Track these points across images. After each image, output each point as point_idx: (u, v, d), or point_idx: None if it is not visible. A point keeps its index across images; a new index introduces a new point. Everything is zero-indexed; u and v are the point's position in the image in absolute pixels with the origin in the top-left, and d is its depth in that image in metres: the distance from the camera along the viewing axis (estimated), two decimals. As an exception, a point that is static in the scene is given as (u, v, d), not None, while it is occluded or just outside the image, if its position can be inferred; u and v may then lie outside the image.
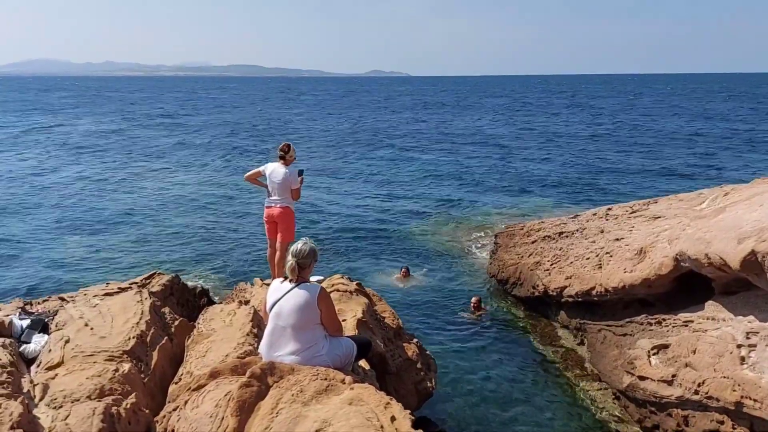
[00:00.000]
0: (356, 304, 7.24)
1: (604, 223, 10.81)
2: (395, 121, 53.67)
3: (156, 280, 8.41)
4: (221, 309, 7.02)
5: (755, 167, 26.43)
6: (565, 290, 10.14)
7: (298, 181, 8.28)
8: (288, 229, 8.31)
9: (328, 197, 22.67)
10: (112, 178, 26.43)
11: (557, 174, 26.77)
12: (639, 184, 24.26)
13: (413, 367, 7.49)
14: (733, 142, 36.97)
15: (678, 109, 64.14)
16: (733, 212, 7.72)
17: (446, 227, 18.03)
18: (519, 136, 41.06)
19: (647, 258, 8.60)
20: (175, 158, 32.50)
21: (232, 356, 5.59)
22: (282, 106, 78.17)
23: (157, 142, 39.53)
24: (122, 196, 22.96)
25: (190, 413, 4.40)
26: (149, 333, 6.15)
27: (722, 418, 6.51)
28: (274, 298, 4.91)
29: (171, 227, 18.39)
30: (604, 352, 8.98)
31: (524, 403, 8.58)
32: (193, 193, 23.44)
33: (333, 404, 3.92)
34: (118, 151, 35.32)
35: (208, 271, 14.30)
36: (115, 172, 27.98)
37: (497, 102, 73.89)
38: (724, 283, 7.35)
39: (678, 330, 7.67)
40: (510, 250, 12.78)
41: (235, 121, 56.04)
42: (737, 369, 6.40)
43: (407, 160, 31.62)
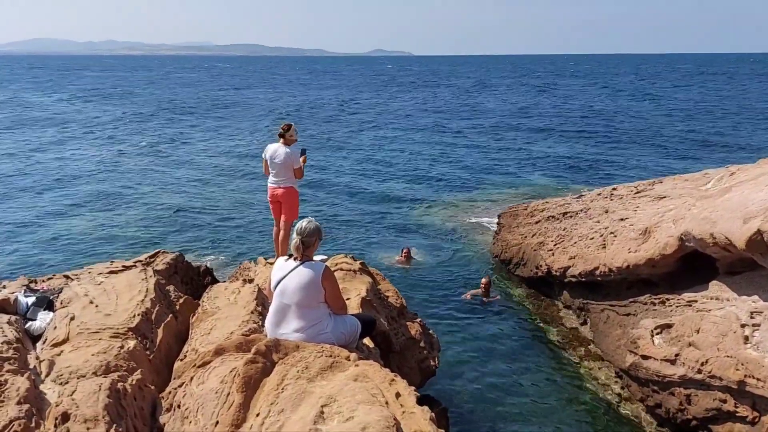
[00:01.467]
0: (360, 283, 7.24)
1: (609, 203, 10.77)
2: (396, 100, 53.37)
3: (160, 258, 8.42)
4: (225, 287, 7.02)
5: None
6: (569, 270, 10.14)
7: (300, 161, 8.25)
8: (292, 208, 8.32)
9: (330, 177, 22.63)
10: (116, 158, 26.40)
11: (562, 154, 26.67)
12: (645, 164, 24.16)
13: (416, 346, 7.51)
14: (742, 118, 36.77)
15: (685, 89, 63.71)
16: (739, 192, 7.68)
17: (449, 207, 18.01)
18: (522, 116, 40.82)
19: (652, 238, 8.58)
20: (179, 139, 32.41)
21: (237, 334, 5.60)
22: (293, 84, 77.99)
23: (159, 123, 39.39)
24: (127, 176, 22.95)
25: (196, 389, 4.42)
26: (154, 310, 6.17)
27: (725, 396, 6.53)
28: (278, 276, 4.91)
29: (175, 207, 18.40)
30: (607, 331, 9.00)
31: (526, 382, 8.64)
32: (197, 173, 23.42)
33: (338, 380, 3.93)
34: (123, 131, 35.23)
35: (212, 250, 14.33)
36: (119, 152, 27.94)
37: (500, 81, 73.38)
38: (729, 263, 7.33)
39: (682, 310, 7.67)
40: (513, 231, 12.78)
41: (240, 101, 55.78)
42: (741, 348, 6.41)
43: (409, 140, 31.51)
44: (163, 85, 75.54)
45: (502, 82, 74.24)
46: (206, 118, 41.50)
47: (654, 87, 66.82)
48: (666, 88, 64.60)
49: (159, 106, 48.93)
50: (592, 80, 79.02)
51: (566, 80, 78.18)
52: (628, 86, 67.14)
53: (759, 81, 72.98)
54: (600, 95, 57.97)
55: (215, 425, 3.86)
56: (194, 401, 4.31)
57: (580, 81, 77.40)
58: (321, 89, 67.79)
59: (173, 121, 39.62)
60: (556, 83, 76.70)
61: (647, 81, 77.11)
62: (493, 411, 8.00)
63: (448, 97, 58.40)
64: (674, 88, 66.52)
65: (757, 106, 45.87)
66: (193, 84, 79.55)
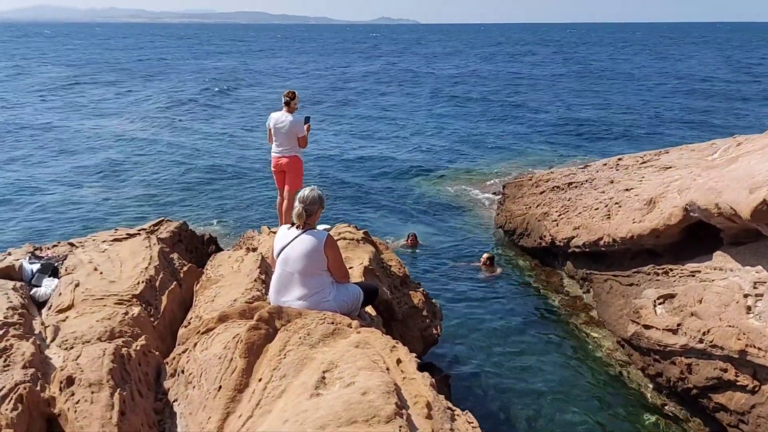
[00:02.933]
0: (363, 252, 7.25)
1: (614, 173, 10.70)
2: (402, 70, 52.81)
3: (164, 226, 8.43)
4: (229, 255, 7.05)
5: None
6: (573, 241, 10.13)
7: (305, 129, 8.20)
8: (296, 177, 8.30)
9: (334, 146, 22.54)
10: (121, 127, 26.32)
11: (568, 124, 26.43)
12: (653, 134, 23.96)
13: (419, 314, 7.56)
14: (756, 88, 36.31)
15: (696, 57, 62.82)
16: (745, 162, 7.61)
17: (453, 178, 17.96)
18: (529, 86, 40.38)
19: (656, 208, 8.54)
20: (183, 107, 32.24)
21: (240, 301, 5.64)
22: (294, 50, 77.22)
23: (161, 91, 39.15)
24: (131, 144, 22.91)
25: (200, 355, 4.46)
26: (158, 278, 6.20)
27: (726, 366, 6.56)
28: (281, 244, 4.92)
29: (178, 175, 18.41)
30: (609, 301, 9.02)
31: (527, 351, 8.70)
32: (200, 142, 23.35)
33: (340, 347, 3.95)
34: (127, 100, 35.06)
35: (217, 219, 14.37)
36: (124, 121, 27.85)
37: (503, 50, 72.41)
38: (734, 233, 7.30)
39: (685, 280, 7.67)
40: (518, 201, 12.74)
41: (235, 67, 55.28)
42: (743, 318, 6.42)
43: (407, 110, 31.25)
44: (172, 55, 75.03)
45: (504, 50, 73.32)
46: (205, 88, 41.23)
47: (663, 55, 65.91)
48: (676, 56, 63.74)
49: (177, 75, 48.62)
50: (600, 48, 78.02)
51: (576, 48, 77.23)
52: (638, 54, 66.28)
53: None
54: (609, 62, 57.26)
55: (218, 390, 3.90)
56: (198, 366, 4.36)
57: (592, 49, 76.46)
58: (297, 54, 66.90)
59: (179, 91, 39.38)
60: (567, 51, 75.74)
61: (656, 50, 76.11)
62: (494, 378, 8.08)
63: (447, 66, 57.65)
64: (685, 56, 65.59)
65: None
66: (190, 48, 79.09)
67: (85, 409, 3.64)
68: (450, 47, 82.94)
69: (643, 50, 72.16)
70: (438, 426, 3.17)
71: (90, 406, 3.65)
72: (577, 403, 7.53)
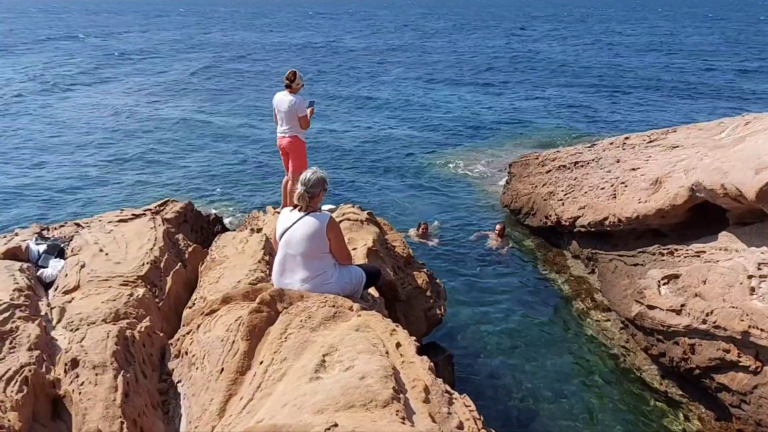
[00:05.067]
0: (367, 233, 7.27)
1: (621, 152, 10.62)
2: (401, 47, 52.16)
3: (170, 207, 8.47)
4: (234, 236, 7.09)
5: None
6: (578, 220, 10.10)
7: (307, 110, 8.19)
8: (299, 158, 8.30)
9: (340, 126, 22.45)
10: (126, 106, 26.30)
11: (576, 102, 26.16)
12: (663, 111, 23.69)
13: (423, 295, 7.59)
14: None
15: (706, 30, 61.67)
16: (752, 142, 7.54)
17: (460, 156, 17.87)
18: (531, 64, 39.84)
19: (662, 188, 8.49)
20: (190, 86, 32.15)
21: (244, 282, 5.69)
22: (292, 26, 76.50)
23: (169, 69, 39.01)
24: (137, 125, 22.90)
25: (203, 336, 4.52)
26: (163, 259, 6.25)
27: (728, 347, 6.57)
28: (284, 226, 4.93)
29: (185, 155, 18.43)
30: (614, 281, 9.02)
31: (531, 330, 8.75)
32: (208, 123, 23.30)
33: (340, 330, 3.99)
34: (132, 78, 34.98)
35: (223, 199, 14.41)
36: (128, 101, 27.81)
37: (506, 26, 71.36)
38: (739, 214, 7.26)
39: (690, 260, 7.65)
40: (524, 180, 12.69)
41: (238, 42, 54.84)
42: (746, 299, 6.41)
43: (419, 88, 31.00)
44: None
45: (506, 26, 72.34)
46: (209, 63, 41.03)
47: (674, 28, 64.77)
48: (686, 29, 62.61)
49: (170, 52, 48.38)
50: (607, 20, 76.82)
51: (575, 24, 76.00)
52: (647, 29, 65.18)
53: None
54: (616, 37, 56.37)
55: (221, 372, 3.95)
56: (201, 348, 4.41)
57: (596, 21, 75.34)
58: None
59: (187, 69, 39.23)
60: (573, 25, 74.65)
61: (665, 22, 74.86)
62: (498, 358, 8.14)
63: (449, 41, 56.90)
64: (695, 28, 64.42)
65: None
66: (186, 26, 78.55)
67: (90, 391, 3.70)
68: (448, 21, 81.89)
69: (651, 22, 70.99)
70: (435, 410, 3.20)
71: (94, 388, 3.71)
72: (579, 383, 7.59)
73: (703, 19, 77.03)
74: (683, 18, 74.34)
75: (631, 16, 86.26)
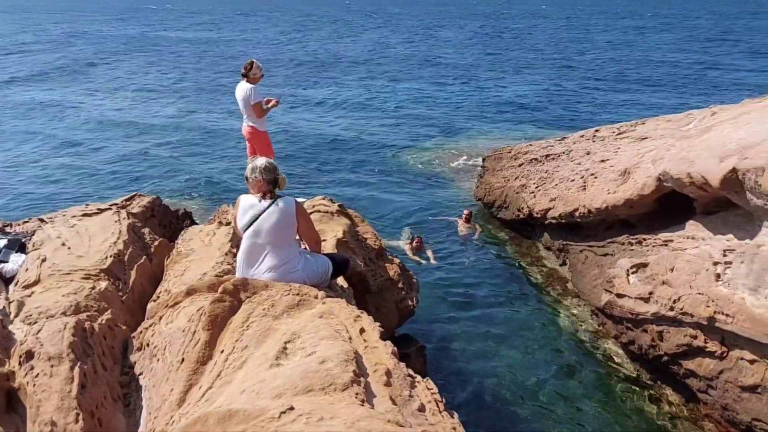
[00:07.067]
0: (337, 225, 7.22)
1: (591, 144, 10.71)
2: (372, 42, 52.00)
3: (136, 201, 8.31)
4: (201, 229, 7.00)
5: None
6: (550, 212, 10.16)
7: (261, 99, 8.19)
8: (261, 148, 8.25)
9: (313, 124, 22.32)
10: (94, 101, 25.85)
11: (548, 96, 26.32)
12: (634, 104, 23.95)
13: (395, 286, 7.55)
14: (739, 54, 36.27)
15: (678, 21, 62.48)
16: (718, 132, 7.63)
17: (433, 152, 17.88)
18: (505, 60, 39.99)
19: (631, 179, 8.57)
20: (157, 80, 31.72)
21: (210, 275, 5.60)
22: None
23: (136, 63, 38.44)
24: (106, 117, 22.53)
25: (165, 328, 4.43)
26: (127, 252, 6.13)
27: (695, 333, 6.65)
28: (251, 215, 4.82)
29: (155, 150, 18.18)
30: (585, 271, 9.09)
31: (505, 319, 8.78)
32: (177, 117, 23.00)
33: (304, 318, 3.94)
34: (99, 72, 34.39)
35: (193, 194, 14.24)
36: (96, 94, 27.35)
37: (475, 23, 71.64)
38: (705, 202, 7.34)
39: (657, 249, 7.73)
40: (497, 174, 12.74)
41: (209, 39, 54.22)
42: (712, 285, 6.49)
43: (383, 81, 30.94)
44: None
45: (475, 23, 72.56)
46: (177, 58, 40.56)
47: (642, 20, 65.55)
48: (656, 20, 63.43)
49: (121, 47, 47.68)
50: (577, 13, 77.47)
51: (544, 19, 76.55)
52: (619, 20, 65.89)
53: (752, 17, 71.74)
54: (588, 30, 56.92)
55: (181, 362, 3.87)
56: (162, 339, 4.33)
57: (554, 20, 76.04)
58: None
59: (150, 61, 38.72)
60: (539, 21, 75.18)
61: (634, 14, 75.73)
62: (471, 348, 8.15)
63: (420, 36, 56.90)
64: (666, 19, 65.30)
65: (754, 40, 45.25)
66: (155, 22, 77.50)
67: (44, 383, 3.60)
68: (424, 17, 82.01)
69: (621, 19, 71.79)
70: (397, 393, 3.17)
71: (49, 380, 3.62)
72: (550, 371, 7.63)
73: (668, 16, 78.14)
74: (651, 19, 75.34)
75: (596, 10, 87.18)
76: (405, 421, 2.83)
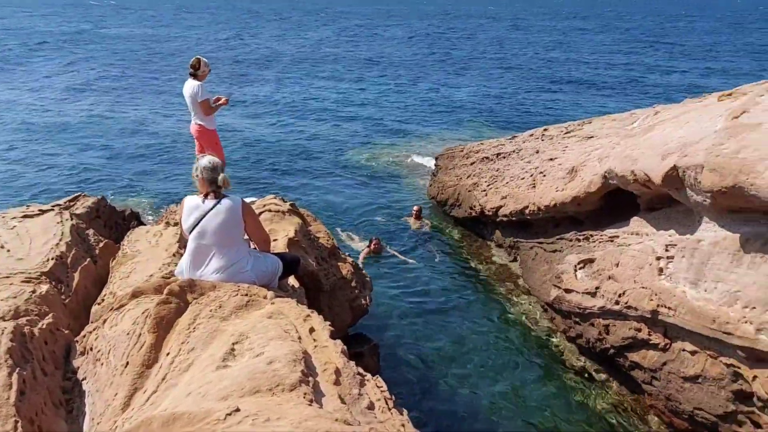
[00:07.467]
0: (288, 224, 7.15)
1: (540, 143, 10.91)
2: (320, 41, 51.68)
3: (81, 202, 8.08)
4: (147, 230, 6.84)
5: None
6: (501, 210, 10.31)
7: (208, 97, 8.08)
8: (210, 146, 8.14)
9: (265, 121, 22.08)
10: (39, 99, 24.97)
11: (498, 97, 26.69)
12: (581, 105, 24.50)
13: (348, 285, 7.54)
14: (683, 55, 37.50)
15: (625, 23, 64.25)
16: (660, 130, 7.86)
17: (385, 151, 17.91)
18: (453, 59, 40.34)
19: (578, 177, 8.76)
20: (100, 78, 30.82)
21: (157, 276, 5.48)
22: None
23: (83, 59, 37.32)
24: (53, 117, 21.77)
25: (109, 331, 4.31)
26: (70, 254, 5.95)
27: (640, 326, 6.84)
28: (195, 216, 4.73)
29: (101, 149, 17.67)
30: (535, 268, 9.26)
31: (458, 317, 8.86)
32: (124, 115, 22.41)
33: (252, 318, 3.89)
34: (36, 69, 33.20)
35: (141, 194, 13.91)
36: (42, 92, 26.42)
37: (423, 22, 72.18)
38: (648, 199, 7.57)
39: (604, 245, 7.93)
40: (449, 172, 12.85)
41: (153, 35, 53.05)
42: (655, 280, 6.69)
43: (347, 81, 30.89)
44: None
45: (424, 23, 73.12)
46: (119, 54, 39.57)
47: (586, 21, 67.20)
48: (599, 21, 65.08)
49: (59, 43, 46.26)
50: (527, 17, 78.83)
51: (491, 20, 77.70)
52: (564, 20, 67.36)
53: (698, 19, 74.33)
54: (535, 31, 58.01)
55: (126, 366, 3.78)
56: (106, 343, 4.21)
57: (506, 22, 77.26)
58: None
59: (92, 58, 37.64)
60: (486, 22, 76.28)
61: (578, 15, 77.57)
62: (424, 345, 8.20)
63: (369, 34, 56.98)
64: (613, 23, 67.03)
65: (704, 41, 46.88)
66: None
67: (-20, 391, 3.46)
68: (372, 15, 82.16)
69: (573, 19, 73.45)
70: (346, 391, 3.16)
71: (-15, 388, 3.47)
72: (501, 367, 7.74)
73: (613, 18, 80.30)
74: (594, 20, 77.27)
75: (540, 11, 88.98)
76: (353, 420, 2.82)
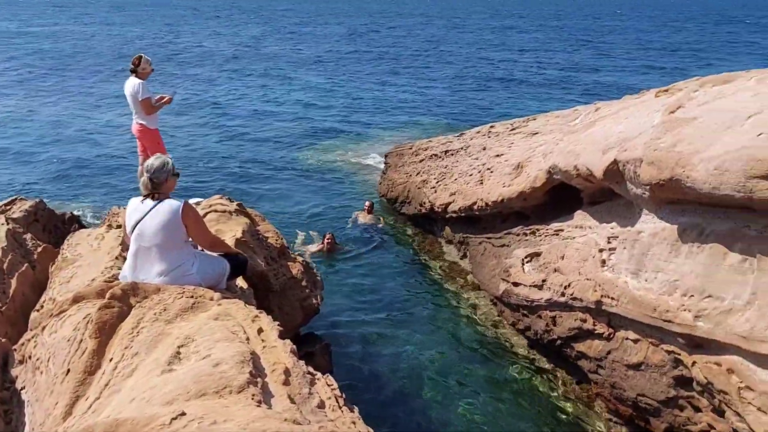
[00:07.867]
0: (236, 224, 7.05)
1: (487, 140, 11.07)
2: (263, 41, 51.16)
3: (17, 205, 7.78)
4: (88, 234, 6.63)
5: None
6: (450, 206, 10.41)
7: (149, 96, 7.90)
8: (152, 146, 7.95)
9: (214, 116, 21.71)
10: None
11: (444, 95, 26.93)
12: (525, 104, 24.98)
13: (298, 285, 7.48)
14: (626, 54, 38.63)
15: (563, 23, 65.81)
16: (601, 126, 8.08)
17: (334, 149, 17.85)
18: (395, 56, 40.47)
19: (524, 172, 8.92)
20: (32, 77, 29.72)
21: (99, 280, 5.33)
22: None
23: (22, 63, 35.91)
24: None
25: (48, 338, 4.17)
26: (6, 260, 5.72)
27: (585, 316, 7.02)
28: (135, 217, 4.62)
29: (37, 151, 17.05)
30: (484, 262, 9.39)
31: (409, 314, 8.92)
32: (60, 115, 21.66)
33: (198, 321, 3.82)
34: None
35: (82, 196, 13.48)
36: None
37: (364, 20, 72.56)
38: (591, 193, 7.77)
39: (550, 239, 8.11)
40: (399, 170, 12.91)
41: (88, 33, 51.59)
42: (598, 271, 6.87)
43: (299, 75, 30.66)
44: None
45: (402, 19, 73.45)
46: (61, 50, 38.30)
47: (522, 20, 68.62)
48: (542, 22, 66.54)
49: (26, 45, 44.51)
50: (477, 17, 79.98)
51: (432, 17, 78.64)
52: (506, 22, 68.59)
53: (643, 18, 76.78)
54: (478, 30, 58.87)
55: (67, 373, 3.66)
56: (46, 351, 4.07)
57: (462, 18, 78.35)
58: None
59: (24, 55, 36.28)
60: (428, 20, 77.07)
61: (515, 15, 79.17)
62: (376, 343, 8.22)
63: (311, 32, 56.74)
64: (554, 23, 68.57)
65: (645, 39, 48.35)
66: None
67: None
68: (312, 13, 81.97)
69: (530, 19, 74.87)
70: (296, 391, 3.14)
71: None
72: (452, 362, 7.82)
73: (551, 17, 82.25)
74: (532, 19, 79.00)
75: (480, 9, 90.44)
76: (303, 419, 2.80)
